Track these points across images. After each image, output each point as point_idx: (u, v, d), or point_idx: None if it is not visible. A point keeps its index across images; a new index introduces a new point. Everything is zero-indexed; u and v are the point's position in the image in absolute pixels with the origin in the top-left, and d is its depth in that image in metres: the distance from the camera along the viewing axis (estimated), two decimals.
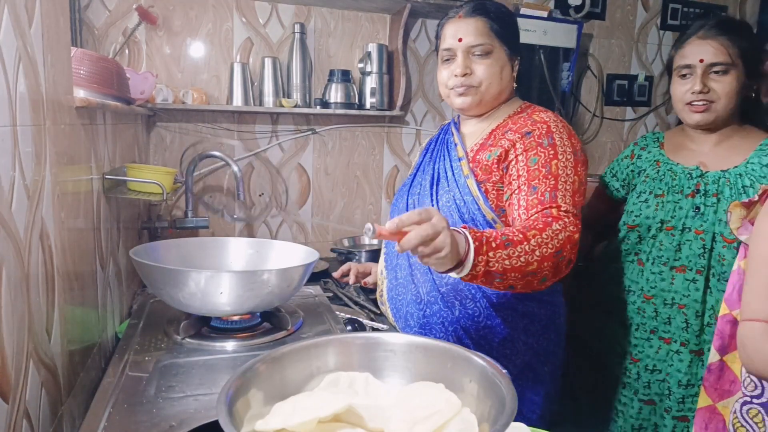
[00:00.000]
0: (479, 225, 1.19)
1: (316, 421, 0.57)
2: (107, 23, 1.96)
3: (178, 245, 1.33)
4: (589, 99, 2.72)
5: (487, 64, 1.22)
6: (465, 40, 1.22)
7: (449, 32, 1.26)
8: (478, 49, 1.22)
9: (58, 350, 0.90)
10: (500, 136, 1.23)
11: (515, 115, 1.26)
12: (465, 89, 1.24)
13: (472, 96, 1.24)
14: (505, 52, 1.25)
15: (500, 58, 1.24)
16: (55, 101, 0.91)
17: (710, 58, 1.30)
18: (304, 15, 2.21)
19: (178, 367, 1.01)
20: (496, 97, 1.26)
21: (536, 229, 1.01)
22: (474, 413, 0.60)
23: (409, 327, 1.28)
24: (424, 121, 2.46)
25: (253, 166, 2.24)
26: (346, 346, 0.73)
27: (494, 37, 1.22)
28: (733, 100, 1.31)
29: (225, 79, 2.13)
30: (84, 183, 1.09)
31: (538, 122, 1.19)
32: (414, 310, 1.28)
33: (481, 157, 1.23)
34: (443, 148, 1.33)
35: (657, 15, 2.76)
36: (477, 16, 1.23)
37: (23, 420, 0.74)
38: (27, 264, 0.76)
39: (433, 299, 1.24)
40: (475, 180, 1.21)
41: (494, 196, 1.20)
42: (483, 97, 1.25)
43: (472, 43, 1.22)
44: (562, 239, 1.02)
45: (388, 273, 1.38)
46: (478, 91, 1.24)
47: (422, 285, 1.26)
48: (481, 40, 1.21)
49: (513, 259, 0.96)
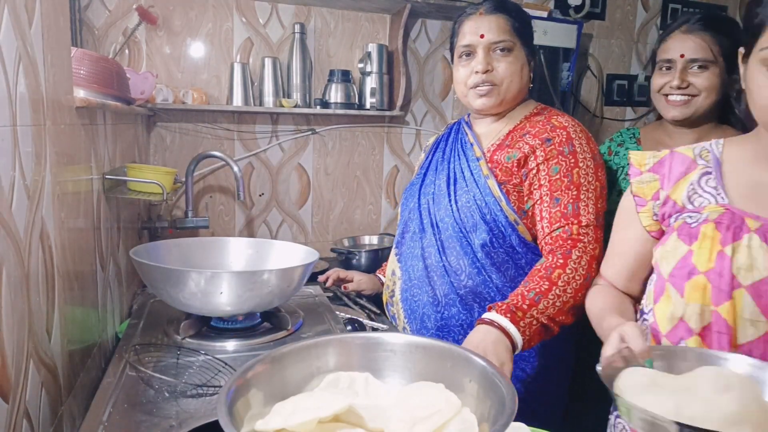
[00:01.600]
0: (501, 225, 1.19)
1: (316, 422, 0.57)
2: (107, 23, 1.96)
3: (178, 245, 1.33)
4: (589, 99, 2.72)
5: (509, 61, 1.21)
6: (487, 37, 1.20)
7: (469, 29, 1.24)
8: (501, 45, 1.21)
9: (58, 350, 0.90)
10: (518, 138, 1.22)
11: (532, 117, 1.26)
12: (488, 89, 1.22)
13: (494, 96, 1.23)
14: (524, 51, 1.24)
15: (520, 57, 1.23)
16: (55, 101, 0.91)
17: (690, 54, 1.29)
18: (304, 15, 2.21)
19: (178, 367, 1.01)
20: (516, 97, 1.26)
21: (559, 268, 1.08)
22: (474, 413, 0.60)
23: (426, 329, 1.27)
24: (424, 121, 2.45)
25: (253, 166, 2.24)
26: (346, 346, 0.73)
27: (515, 35, 1.22)
28: (713, 96, 1.30)
29: (225, 79, 2.13)
30: (84, 183, 1.09)
31: (558, 128, 1.19)
32: (431, 312, 1.26)
33: (499, 158, 1.22)
34: (457, 148, 1.32)
35: (657, 15, 2.77)
36: (498, 13, 1.22)
37: (23, 420, 0.74)
38: (27, 264, 0.76)
39: (451, 301, 1.23)
40: (496, 181, 1.20)
41: (515, 197, 1.20)
42: (504, 97, 1.24)
43: (495, 39, 1.20)
44: (585, 264, 1.09)
45: (402, 273, 1.36)
46: (500, 90, 1.23)
47: (439, 287, 1.25)
48: (503, 37, 1.20)
49: (550, 308, 1.06)
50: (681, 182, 0.88)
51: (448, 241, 1.25)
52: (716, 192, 0.84)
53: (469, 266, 1.21)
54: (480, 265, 1.20)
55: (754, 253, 0.76)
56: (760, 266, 0.76)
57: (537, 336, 1.06)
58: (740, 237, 0.78)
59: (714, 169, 0.86)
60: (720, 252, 0.79)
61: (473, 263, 1.21)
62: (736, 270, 0.77)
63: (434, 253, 1.27)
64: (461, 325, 1.22)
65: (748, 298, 0.76)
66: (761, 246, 0.76)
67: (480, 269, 1.20)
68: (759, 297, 0.75)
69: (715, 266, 0.79)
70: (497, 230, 1.19)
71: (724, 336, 0.79)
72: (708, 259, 0.79)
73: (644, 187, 0.92)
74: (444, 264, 1.24)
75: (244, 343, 1.14)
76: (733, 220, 0.80)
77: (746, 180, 0.84)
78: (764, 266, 0.75)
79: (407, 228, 1.37)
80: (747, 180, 0.84)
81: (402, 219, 1.41)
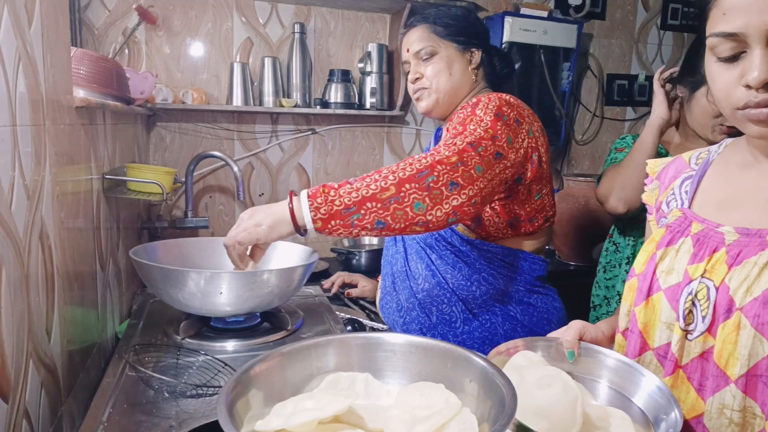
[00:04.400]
0: (458, 234, 1.21)
1: (317, 422, 0.57)
2: (107, 23, 1.96)
3: (178, 245, 1.33)
4: (589, 99, 2.72)
5: (432, 63, 1.26)
6: (411, 49, 1.28)
7: (402, 47, 1.32)
8: (422, 53, 1.26)
9: (58, 350, 0.90)
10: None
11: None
12: (419, 93, 1.28)
13: (426, 98, 1.27)
14: (454, 48, 1.26)
15: (446, 56, 1.26)
16: (55, 101, 0.90)
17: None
18: (304, 15, 2.21)
19: (178, 367, 1.01)
20: (452, 93, 1.27)
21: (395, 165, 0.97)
22: (474, 413, 0.60)
23: None
24: (424, 121, 2.45)
25: (253, 166, 2.24)
26: (346, 346, 0.73)
27: (437, 38, 1.26)
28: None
29: (225, 79, 2.13)
30: (84, 183, 1.09)
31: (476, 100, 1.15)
32: (396, 318, 1.30)
33: None
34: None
35: (657, 15, 2.76)
36: (418, 25, 1.28)
37: (23, 420, 0.74)
38: (27, 264, 0.76)
39: (411, 305, 1.26)
40: None
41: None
42: (438, 97, 1.26)
43: (416, 49, 1.27)
44: (429, 161, 0.96)
45: (381, 280, 1.41)
46: (431, 92, 1.26)
47: (402, 292, 1.29)
48: (422, 45, 1.26)
49: (362, 190, 0.92)
50: (669, 187, 0.86)
51: (410, 248, 1.29)
52: (686, 196, 0.82)
53: (425, 269, 1.25)
54: (434, 267, 1.23)
55: (679, 257, 0.75)
56: (679, 270, 0.74)
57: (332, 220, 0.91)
58: (676, 241, 0.76)
59: (697, 173, 0.82)
60: (653, 255, 0.78)
61: (428, 266, 1.24)
62: (659, 273, 0.76)
63: (400, 259, 1.31)
64: (421, 329, 1.25)
65: (665, 301, 0.75)
66: (689, 250, 0.74)
67: (434, 272, 1.23)
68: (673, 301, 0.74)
69: (644, 269, 0.79)
70: (437, 233, 1.22)
71: (634, 336, 0.79)
72: (643, 261, 0.79)
73: (650, 195, 0.91)
74: (406, 270, 1.29)
75: (244, 343, 1.14)
76: (681, 225, 0.78)
77: (721, 184, 0.79)
78: (682, 271, 0.73)
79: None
80: (722, 184, 0.78)
81: None
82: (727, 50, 0.66)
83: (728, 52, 0.66)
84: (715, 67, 0.69)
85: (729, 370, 0.67)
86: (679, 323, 0.72)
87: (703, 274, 0.71)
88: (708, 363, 0.70)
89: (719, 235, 0.72)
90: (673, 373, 0.73)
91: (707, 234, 0.73)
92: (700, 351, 0.71)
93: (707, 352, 0.70)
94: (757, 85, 0.63)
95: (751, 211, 0.72)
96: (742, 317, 0.66)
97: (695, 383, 0.71)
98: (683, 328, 0.72)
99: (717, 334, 0.68)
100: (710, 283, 0.70)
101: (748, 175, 0.75)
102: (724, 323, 0.67)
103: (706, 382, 0.70)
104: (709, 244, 0.72)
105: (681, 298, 0.72)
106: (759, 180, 0.73)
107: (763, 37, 0.62)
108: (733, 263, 0.69)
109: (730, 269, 0.68)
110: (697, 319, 0.70)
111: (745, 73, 0.65)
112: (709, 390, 0.69)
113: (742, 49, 0.65)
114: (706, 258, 0.71)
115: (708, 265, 0.71)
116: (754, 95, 0.64)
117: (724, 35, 0.65)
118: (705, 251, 0.72)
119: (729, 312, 0.67)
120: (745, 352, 0.65)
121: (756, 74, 0.63)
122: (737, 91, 0.66)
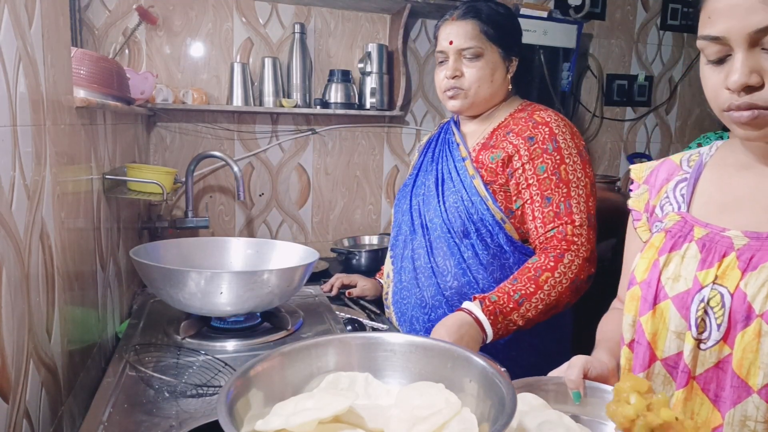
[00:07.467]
0: (488, 225, 1.20)
1: (317, 422, 0.57)
2: (107, 23, 1.96)
3: (178, 245, 1.33)
4: (589, 99, 2.72)
5: (477, 67, 1.23)
6: (455, 43, 1.23)
7: (442, 35, 1.27)
8: (468, 52, 1.23)
9: (58, 350, 0.90)
10: (502, 137, 1.22)
11: (516, 114, 1.26)
12: (454, 92, 1.25)
13: (462, 99, 1.25)
14: (499, 54, 1.25)
15: (492, 61, 1.24)
16: (55, 101, 0.91)
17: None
18: (304, 15, 2.21)
19: (178, 367, 1.01)
20: (488, 100, 1.27)
21: (548, 270, 1.09)
22: (474, 413, 0.60)
23: (414, 331, 1.28)
24: (424, 121, 2.46)
25: (253, 166, 2.24)
26: (346, 346, 0.73)
27: (485, 40, 1.23)
28: None
29: (225, 79, 2.13)
30: (84, 183, 1.09)
31: (540, 124, 1.19)
32: (419, 314, 1.27)
33: (483, 158, 1.23)
34: (445, 148, 1.32)
35: (657, 15, 2.77)
36: (468, 19, 1.24)
37: (23, 420, 0.74)
38: (27, 264, 0.76)
39: (438, 303, 1.24)
40: (482, 181, 1.21)
41: (502, 197, 1.21)
42: (474, 100, 1.25)
43: (462, 46, 1.23)
44: (575, 268, 1.10)
45: (394, 276, 1.37)
46: (468, 95, 1.25)
47: (426, 289, 1.26)
48: (470, 44, 1.22)
49: (531, 311, 1.09)
50: (662, 191, 0.84)
51: (437, 242, 1.26)
52: (682, 200, 0.80)
53: (455, 267, 1.23)
54: (466, 266, 1.22)
55: (686, 263, 0.72)
56: (687, 277, 0.71)
57: (507, 333, 1.10)
58: (680, 246, 0.74)
59: (692, 176, 0.81)
60: (655, 261, 0.75)
61: (459, 264, 1.22)
62: (664, 280, 0.73)
63: (423, 254, 1.28)
64: None
65: (673, 309, 0.72)
66: (695, 256, 0.71)
67: (466, 270, 1.22)
68: (683, 309, 0.71)
69: (647, 276, 0.75)
70: (484, 230, 1.20)
71: (642, 347, 0.76)
72: (645, 269, 0.76)
73: (638, 200, 0.88)
74: (432, 265, 1.26)
75: (244, 343, 1.14)
76: (683, 229, 0.75)
77: (720, 187, 0.77)
78: (691, 277, 0.71)
79: (400, 230, 1.38)
80: (720, 187, 0.77)
81: (395, 221, 1.42)
82: (714, 53, 0.67)
83: (715, 55, 0.67)
84: (705, 69, 0.70)
85: (751, 379, 0.65)
86: (692, 332, 0.69)
87: (715, 280, 0.68)
88: (725, 373, 0.67)
89: (726, 239, 0.70)
90: (686, 384, 0.70)
91: (713, 238, 0.72)
92: (715, 360, 0.68)
93: (723, 361, 0.67)
94: (737, 89, 0.64)
95: (755, 214, 0.71)
96: (763, 324, 0.63)
97: (711, 394, 0.69)
98: (696, 337, 0.69)
99: (735, 342, 0.66)
100: (723, 290, 0.67)
101: (747, 177, 0.74)
102: (743, 331, 0.65)
103: (723, 393, 0.68)
104: (716, 249, 0.70)
105: (692, 306, 0.70)
106: (759, 182, 0.73)
107: (744, 41, 0.63)
108: (746, 268, 0.67)
109: (744, 275, 0.66)
110: (711, 328, 0.68)
111: (728, 76, 0.65)
112: (729, 401, 0.67)
113: (728, 53, 0.66)
114: (716, 263, 0.69)
115: (719, 271, 0.69)
116: (735, 98, 0.65)
117: (709, 38, 0.66)
118: (714, 257, 0.70)
119: (748, 319, 0.65)
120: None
121: (736, 77, 0.63)
122: (723, 93, 0.67)
